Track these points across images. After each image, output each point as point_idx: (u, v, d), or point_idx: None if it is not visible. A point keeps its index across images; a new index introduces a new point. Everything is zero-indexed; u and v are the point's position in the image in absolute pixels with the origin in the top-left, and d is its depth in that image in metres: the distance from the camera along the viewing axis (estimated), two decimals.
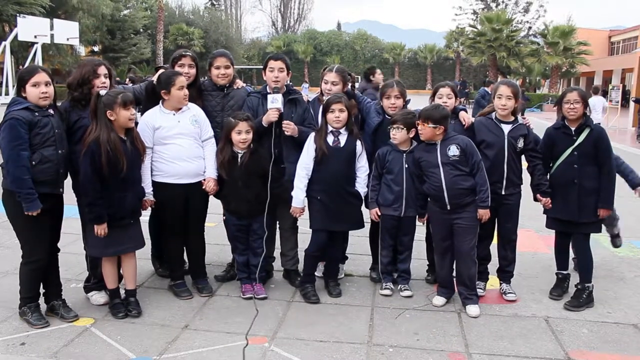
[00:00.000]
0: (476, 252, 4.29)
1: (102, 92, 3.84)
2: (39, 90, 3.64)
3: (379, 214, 4.46)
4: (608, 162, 4.25)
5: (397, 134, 4.31)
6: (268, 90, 4.42)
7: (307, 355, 3.54)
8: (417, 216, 4.48)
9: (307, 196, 4.35)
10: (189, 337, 3.75)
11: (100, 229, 3.81)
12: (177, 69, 4.45)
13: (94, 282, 4.28)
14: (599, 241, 5.91)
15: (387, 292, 4.50)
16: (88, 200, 3.80)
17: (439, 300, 4.35)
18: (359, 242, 5.26)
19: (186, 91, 4.16)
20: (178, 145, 4.16)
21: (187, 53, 4.57)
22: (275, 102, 4.29)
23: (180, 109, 4.22)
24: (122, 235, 3.94)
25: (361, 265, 5.12)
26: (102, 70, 4.06)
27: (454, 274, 4.38)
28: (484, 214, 4.16)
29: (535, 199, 4.47)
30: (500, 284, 4.58)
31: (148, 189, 4.13)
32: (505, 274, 4.56)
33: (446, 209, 4.19)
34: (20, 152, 3.53)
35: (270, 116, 4.29)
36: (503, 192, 4.33)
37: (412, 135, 4.32)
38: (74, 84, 4.00)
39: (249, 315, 4.09)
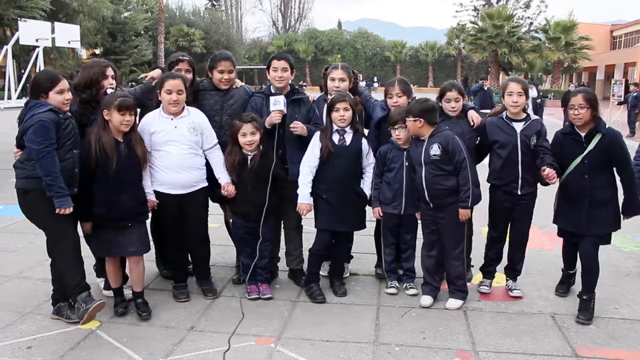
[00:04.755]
0: (464, 250, 4.27)
1: (109, 91, 3.90)
2: (64, 97, 3.67)
3: (381, 213, 4.45)
4: (626, 168, 3.98)
5: (401, 134, 4.28)
6: (272, 90, 4.40)
7: (313, 355, 3.54)
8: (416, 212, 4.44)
9: (312, 195, 4.33)
10: (195, 339, 3.74)
11: (84, 227, 3.96)
12: None
13: (98, 265, 4.46)
14: None
15: (393, 290, 4.49)
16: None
17: (426, 300, 4.28)
18: (363, 241, 5.24)
19: (175, 96, 3.99)
20: (168, 153, 4.04)
21: (185, 58, 4.49)
22: (277, 104, 4.23)
23: (179, 113, 4.08)
24: (120, 237, 3.91)
25: (366, 264, 5.11)
26: (110, 71, 4.07)
27: (444, 274, 4.42)
28: (464, 214, 4.12)
29: (540, 177, 4.06)
30: (507, 280, 4.56)
31: (148, 189, 4.06)
32: (513, 272, 4.53)
33: (429, 207, 4.19)
34: (53, 151, 3.52)
35: (273, 118, 4.25)
36: (519, 192, 4.23)
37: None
38: (81, 85, 3.99)
39: (255, 316, 4.09)
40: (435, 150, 4.07)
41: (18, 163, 3.67)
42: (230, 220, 4.52)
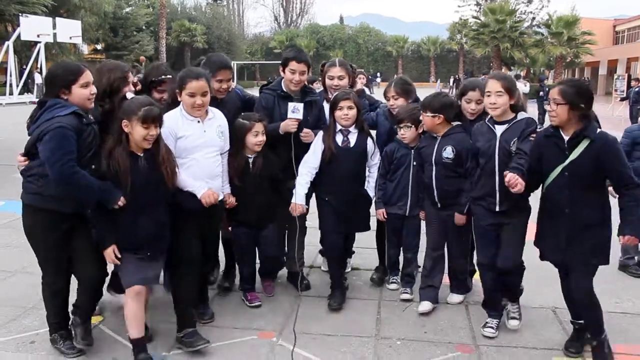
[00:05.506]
0: (469, 246, 4.13)
1: (129, 95, 3.37)
2: (89, 90, 3.18)
3: (385, 215, 4.27)
4: (625, 179, 3.15)
5: (407, 133, 4.09)
6: (284, 90, 4.15)
7: (315, 349, 3.55)
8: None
9: (316, 197, 4.22)
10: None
11: (108, 256, 3.25)
12: (155, 95, 3.83)
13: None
14: None
15: (394, 286, 4.47)
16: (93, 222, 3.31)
17: (425, 306, 4.09)
18: (364, 236, 5.23)
19: (200, 99, 3.44)
20: (197, 160, 3.49)
21: (169, 76, 3.91)
22: (296, 112, 3.95)
23: (205, 116, 3.56)
24: (140, 265, 3.29)
25: (367, 259, 5.12)
26: (131, 76, 3.62)
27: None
28: (460, 218, 3.91)
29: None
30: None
31: (193, 182, 3.48)
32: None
33: (436, 206, 4.03)
34: (74, 165, 3.01)
35: (290, 127, 3.98)
36: (497, 209, 3.61)
37: (420, 130, 4.11)
38: (99, 92, 3.39)
39: (258, 311, 4.10)
40: (448, 153, 3.87)
41: (26, 174, 3.21)
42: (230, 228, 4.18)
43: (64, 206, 3.17)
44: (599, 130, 3.20)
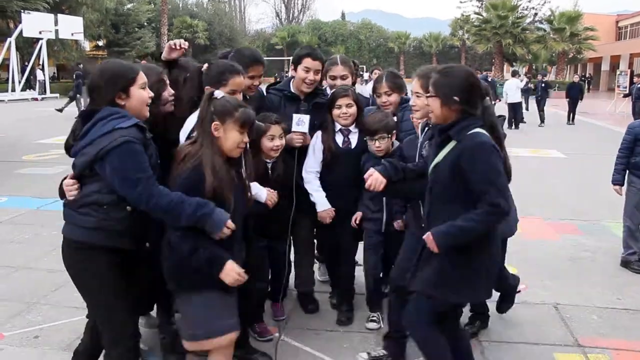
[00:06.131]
0: None
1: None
2: (147, 93, 2.62)
3: (358, 220, 3.78)
4: (481, 191, 2.42)
5: (383, 145, 3.57)
6: (292, 91, 3.80)
7: (318, 345, 3.56)
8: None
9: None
10: None
11: (230, 275, 2.53)
12: None
13: None
14: (608, 228, 5.89)
15: (374, 325, 3.81)
16: (188, 247, 2.50)
17: None
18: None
19: (238, 97, 3.03)
20: None
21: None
22: (301, 124, 3.56)
23: None
24: (227, 304, 2.65)
25: None
26: (166, 77, 3.11)
27: None
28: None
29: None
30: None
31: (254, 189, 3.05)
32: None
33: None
34: (159, 187, 2.43)
35: (295, 141, 3.59)
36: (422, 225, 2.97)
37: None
38: None
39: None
40: None
41: (77, 204, 2.48)
42: None
43: (126, 242, 2.54)
44: (474, 130, 2.50)
